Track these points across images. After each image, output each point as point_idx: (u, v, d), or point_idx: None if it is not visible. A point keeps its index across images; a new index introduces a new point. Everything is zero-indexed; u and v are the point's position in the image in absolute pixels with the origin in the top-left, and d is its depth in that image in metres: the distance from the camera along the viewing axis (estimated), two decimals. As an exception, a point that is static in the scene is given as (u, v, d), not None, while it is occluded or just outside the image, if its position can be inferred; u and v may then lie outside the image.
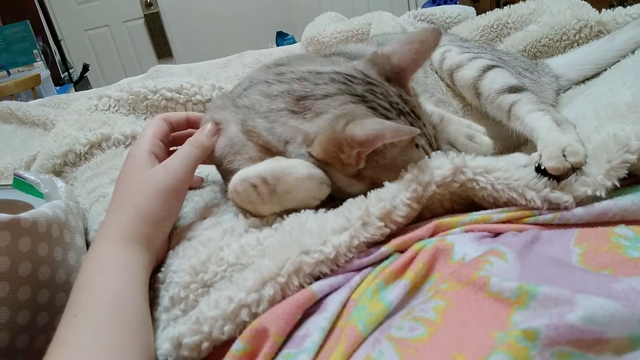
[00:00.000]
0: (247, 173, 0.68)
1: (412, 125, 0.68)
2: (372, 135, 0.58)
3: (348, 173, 0.66)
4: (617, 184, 0.55)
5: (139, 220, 0.67)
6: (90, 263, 0.63)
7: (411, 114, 0.70)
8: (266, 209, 0.70)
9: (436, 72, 0.96)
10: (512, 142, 0.87)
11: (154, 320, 0.64)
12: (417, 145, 0.68)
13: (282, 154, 0.70)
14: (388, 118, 0.66)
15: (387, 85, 0.71)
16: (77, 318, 0.56)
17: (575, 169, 0.59)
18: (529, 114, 0.78)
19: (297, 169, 0.66)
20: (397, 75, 0.72)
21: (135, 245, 0.66)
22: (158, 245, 0.70)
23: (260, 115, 0.71)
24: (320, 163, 0.66)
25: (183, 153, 0.73)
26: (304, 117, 0.68)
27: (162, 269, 0.69)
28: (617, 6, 1.10)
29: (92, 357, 0.52)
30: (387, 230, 0.60)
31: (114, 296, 0.59)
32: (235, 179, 0.69)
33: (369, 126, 0.59)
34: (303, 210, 0.68)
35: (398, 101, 0.69)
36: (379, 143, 0.59)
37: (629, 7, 1.07)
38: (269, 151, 0.71)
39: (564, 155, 0.60)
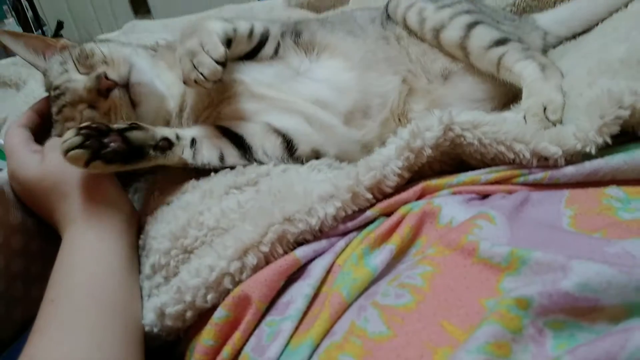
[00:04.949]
0: None
1: None
2: None
3: None
4: (609, 141, 0.53)
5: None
6: (63, 248, 0.61)
7: None
8: None
9: (416, 34, 0.93)
10: (502, 100, 0.86)
11: (135, 288, 0.62)
12: None
13: None
14: None
15: None
16: (55, 303, 0.54)
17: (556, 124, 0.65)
18: (516, 64, 0.79)
19: None
20: None
21: (104, 216, 0.64)
22: (126, 203, 0.70)
23: None
24: None
25: None
26: None
27: (141, 235, 0.67)
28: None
29: (72, 341, 0.51)
30: (374, 201, 0.58)
31: (90, 277, 0.58)
32: None
33: None
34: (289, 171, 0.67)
35: None
36: None
37: (621, -42, 1.03)
38: None
39: (545, 113, 0.67)
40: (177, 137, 0.73)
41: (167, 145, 0.71)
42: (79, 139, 0.61)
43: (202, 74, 0.69)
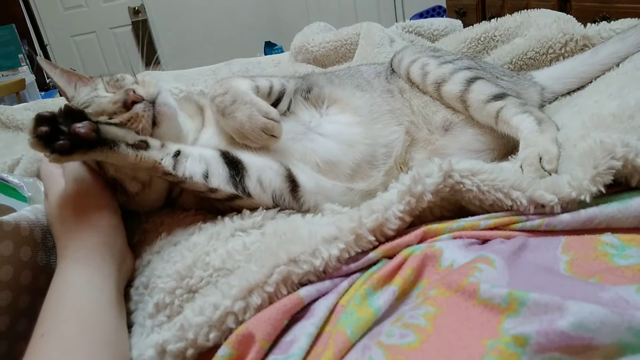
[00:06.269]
0: None
1: None
2: None
3: None
4: (603, 190, 0.56)
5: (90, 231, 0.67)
6: (55, 284, 0.62)
7: None
8: None
9: (418, 87, 0.98)
10: (501, 152, 0.90)
11: (138, 326, 0.63)
12: None
13: None
14: None
15: None
16: (45, 339, 0.55)
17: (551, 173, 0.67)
18: (514, 117, 0.83)
19: None
20: None
21: (96, 257, 0.65)
22: (120, 246, 0.70)
23: None
24: None
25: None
26: None
27: (146, 272, 0.68)
28: (601, 21, 1.12)
29: None
30: (377, 243, 0.60)
31: (81, 313, 0.58)
32: None
33: None
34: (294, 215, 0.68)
35: None
36: None
37: (613, 22, 1.09)
38: None
39: (540, 162, 0.69)
40: (162, 145, 0.74)
41: (143, 146, 0.72)
42: (33, 124, 0.64)
43: (272, 135, 0.79)
